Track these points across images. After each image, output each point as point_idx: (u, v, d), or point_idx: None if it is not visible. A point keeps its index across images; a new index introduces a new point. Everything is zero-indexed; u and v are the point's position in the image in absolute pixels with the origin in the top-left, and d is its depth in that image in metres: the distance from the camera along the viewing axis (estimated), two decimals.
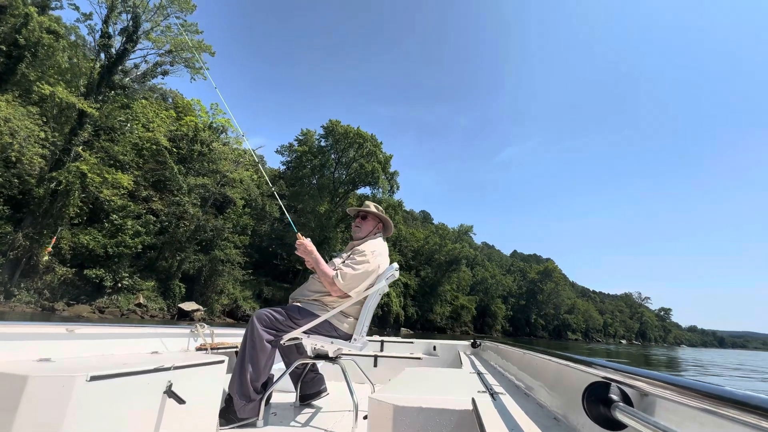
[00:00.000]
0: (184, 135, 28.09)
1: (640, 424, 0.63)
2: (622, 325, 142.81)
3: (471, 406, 1.19)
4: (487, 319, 70.52)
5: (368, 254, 2.33)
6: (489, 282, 71.50)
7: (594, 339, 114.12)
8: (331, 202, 38.73)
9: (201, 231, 27.45)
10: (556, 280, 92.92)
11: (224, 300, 29.87)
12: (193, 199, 26.06)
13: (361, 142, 35.82)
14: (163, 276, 26.48)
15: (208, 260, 27.68)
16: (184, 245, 26.79)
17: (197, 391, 1.71)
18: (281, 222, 41.54)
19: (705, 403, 0.56)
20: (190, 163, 28.60)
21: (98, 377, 1.27)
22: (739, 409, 0.48)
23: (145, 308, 24.09)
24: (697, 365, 20.22)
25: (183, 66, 24.02)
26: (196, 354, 2.32)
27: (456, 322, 61.01)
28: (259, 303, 33.40)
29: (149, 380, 1.47)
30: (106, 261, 22.48)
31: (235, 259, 29.19)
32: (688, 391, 0.60)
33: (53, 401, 1.18)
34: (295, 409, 2.51)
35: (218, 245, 28.43)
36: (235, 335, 2.98)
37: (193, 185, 26.65)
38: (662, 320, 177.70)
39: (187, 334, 2.58)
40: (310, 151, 36.93)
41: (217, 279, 28.52)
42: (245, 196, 33.14)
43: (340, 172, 38.56)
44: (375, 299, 2.37)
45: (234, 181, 29.26)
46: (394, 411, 1.21)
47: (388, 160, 37.65)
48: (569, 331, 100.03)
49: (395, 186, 37.89)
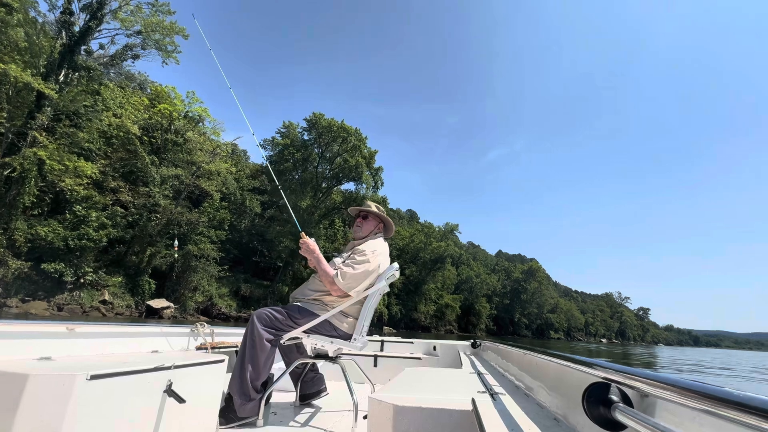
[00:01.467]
0: (158, 124, 26.63)
1: (640, 424, 0.63)
2: (603, 324, 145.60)
3: (471, 407, 1.19)
4: (471, 318, 70.47)
5: (368, 254, 2.32)
6: (474, 281, 71.43)
7: (575, 338, 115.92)
8: (314, 198, 37.65)
9: (174, 225, 26.10)
10: (539, 279, 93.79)
11: (198, 297, 28.57)
12: (165, 190, 24.69)
13: (344, 136, 34.83)
14: (132, 271, 25.07)
15: (181, 255, 26.34)
16: (155, 239, 25.41)
17: (197, 390, 1.70)
18: (262, 217, 40.29)
19: (705, 404, 0.56)
20: (163, 153, 27.16)
21: (98, 376, 1.27)
22: (739, 410, 0.48)
23: (110, 305, 22.69)
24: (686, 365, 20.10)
25: (155, 50, 22.61)
26: (196, 353, 2.29)
27: (440, 321, 60.67)
28: (237, 301, 32.20)
29: (149, 379, 1.47)
30: (66, 255, 21.00)
31: (211, 254, 27.91)
32: (688, 392, 0.60)
33: (53, 400, 1.18)
34: (295, 409, 2.52)
35: (192, 240, 27.11)
36: (236, 335, 2.94)
37: (166, 176, 25.27)
38: (641, 319, 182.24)
39: (187, 334, 2.53)
40: (293, 144, 35.75)
41: (191, 275, 27.21)
42: (222, 189, 31.85)
43: (323, 166, 37.51)
44: (375, 299, 2.35)
45: (211, 173, 27.91)
46: (394, 411, 1.21)
47: (373, 155, 36.80)
48: (552, 330, 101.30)
49: (379, 182, 37.08)
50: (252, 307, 32.56)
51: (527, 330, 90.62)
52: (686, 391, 0.60)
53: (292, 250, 35.75)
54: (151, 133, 26.44)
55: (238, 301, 32.45)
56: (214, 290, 30.01)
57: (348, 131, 34.86)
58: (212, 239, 28.67)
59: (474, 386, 1.61)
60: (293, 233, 35.61)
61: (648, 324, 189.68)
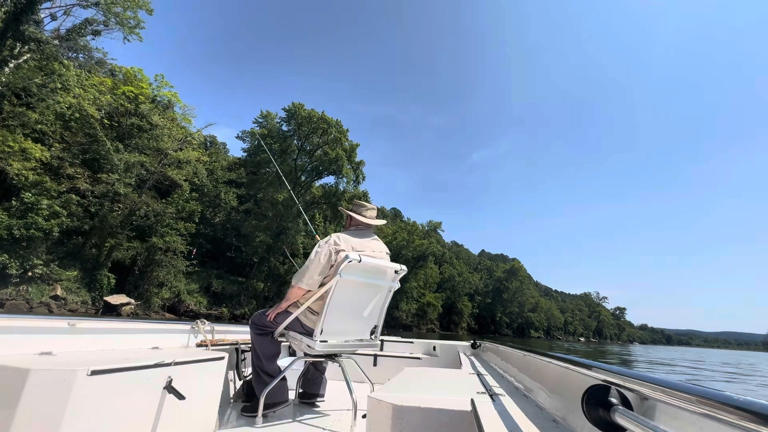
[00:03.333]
0: (121, 107, 24.75)
1: (640, 427, 0.62)
2: (581, 323, 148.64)
3: (470, 407, 1.18)
4: (453, 317, 70.32)
5: (322, 245, 2.34)
6: (456, 279, 71.22)
7: (555, 337, 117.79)
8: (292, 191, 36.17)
9: (137, 215, 24.37)
10: (521, 279, 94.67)
11: (165, 293, 26.89)
12: (128, 178, 22.94)
13: (325, 128, 33.53)
14: (90, 265, 23.23)
15: (145, 248, 24.63)
16: (116, 230, 23.64)
17: (197, 387, 1.73)
18: (239, 211, 38.63)
19: (704, 408, 0.55)
20: (128, 139, 25.32)
21: (99, 371, 1.28)
22: (738, 415, 0.47)
23: (62, 301, 20.87)
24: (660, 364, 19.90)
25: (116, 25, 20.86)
26: (196, 350, 2.27)
27: (422, 319, 60.19)
28: (207, 297, 30.61)
29: (149, 375, 1.48)
30: (11, 245, 19.12)
31: (178, 248, 26.25)
32: (688, 395, 0.59)
33: (54, 394, 1.19)
34: (293, 407, 2.53)
35: (158, 232, 25.41)
36: (236, 332, 2.95)
37: (130, 163, 23.49)
38: (617, 319, 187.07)
39: (187, 330, 2.49)
40: (270, 135, 34.21)
41: (156, 270, 25.51)
42: (195, 180, 30.13)
43: (303, 159, 36.12)
44: (342, 294, 2.24)
45: (180, 162, 26.20)
46: (393, 410, 1.21)
47: (354, 148, 35.61)
48: (532, 329, 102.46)
49: (361, 176, 35.91)
50: (224, 305, 31.03)
51: (508, 329, 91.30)
52: (686, 395, 0.59)
53: (269, 245, 34.32)
54: (115, 117, 24.55)
55: (209, 297, 30.84)
56: (183, 286, 28.35)
57: (329, 122, 33.59)
58: (180, 232, 27.02)
59: (473, 387, 1.61)
60: (270, 228, 34.18)
61: (624, 323, 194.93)
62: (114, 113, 24.31)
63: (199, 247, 34.47)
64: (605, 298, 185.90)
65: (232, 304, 31.61)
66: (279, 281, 36.42)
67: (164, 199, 27.16)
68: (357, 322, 2.44)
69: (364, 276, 2.30)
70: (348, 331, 2.40)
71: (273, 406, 2.23)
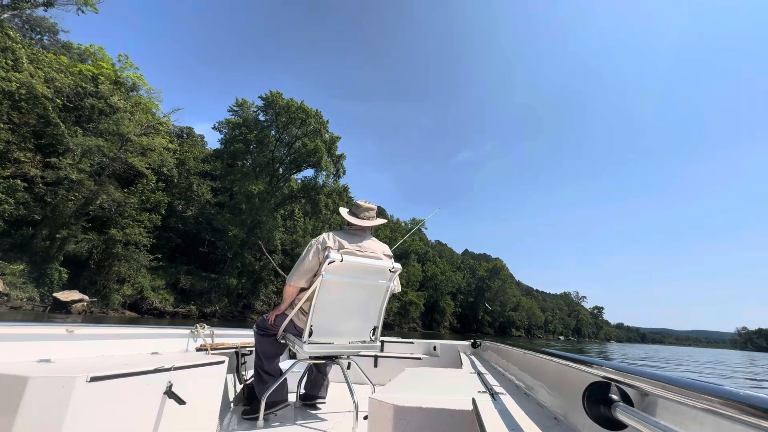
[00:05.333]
0: (80, 88, 22.77)
1: (641, 424, 0.63)
2: (561, 322, 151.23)
3: (471, 406, 1.18)
4: (435, 316, 69.80)
5: (312, 244, 2.33)
6: (439, 278, 70.68)
7: (536, 335, 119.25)
8: (270, 184, 34.66)
9: (95, 205, 22.49)
10: (503, 278, 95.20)
11: (127, 290, 25.05)
12: (81, 163, 21.07)
13: (303, 118, 32.10)
14: (39, 258, 21.27)
15: (102, 241, 22.77)
16: (70, 221, 21.72)
17: (197, 391, 1.72)
18: (212, 205, 36.80)
19: (705, 403, 0.56)
20: (87, 123, 23.36)
21: (98, 378, 1.27)
22: (739, 409, 0.48)
23: (5, 297, 18.95)
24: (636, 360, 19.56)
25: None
26: (196, 354, 2.25)
27: (404, 318, 59.36)
28: (174, 294, 28.80)
29: (149, 381, 1.47)
30: None
31: (141, 241, 24.46)
32: (689, 391, 0.60)
33: (54, 402, 1.18)
34: (295, 409, 2.53)
35: (119, 223, 23.57)
36: (236, 336, 2.91)
37: (86, 147, 21.59)
38: (595, 318, 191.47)
39: (187, 335, 2.45)
40: (246, 124, 32.52)
41: (116, 264, 23.67)
42: (164, 170, 28.26)
43: (281, 151, 34.59)
44: (328, 294, 2.21)
45: (144, 149, 24.36)
46: (395, 411, 1.20)
47: (335, 141, 34.28)
48: (513, 328, 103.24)
49: (341, 170, 34.62)
50: (192, 302, 29.28)
51: (490, 327, 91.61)
52: (687, 390, 0.60)
53: (243, 240, 32.71)
54: (72, 98, 22.55)
55: (177, 294, 29.03)
56: (147, 282, 26.53)
57: (308, 112, 32.16)
58: (144, 224, 25.21)
59: (474, 386, 1.60)
60: (245, 222, 32.57)
61: (601, 322, 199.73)
62: (71, 94, 22.33)
63: (168, 242, 32.56)
64: (584, 297, 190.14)
65: (201, 301, 29.86)
66: (254, 278, 34.83)
67: (127, 188, 25.28)
68: (353, 322, 2.40)
69: (352, 276, 2.26)
70: (346, 332, 2.36)
71: (273, 405, 2.22)
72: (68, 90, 22.10)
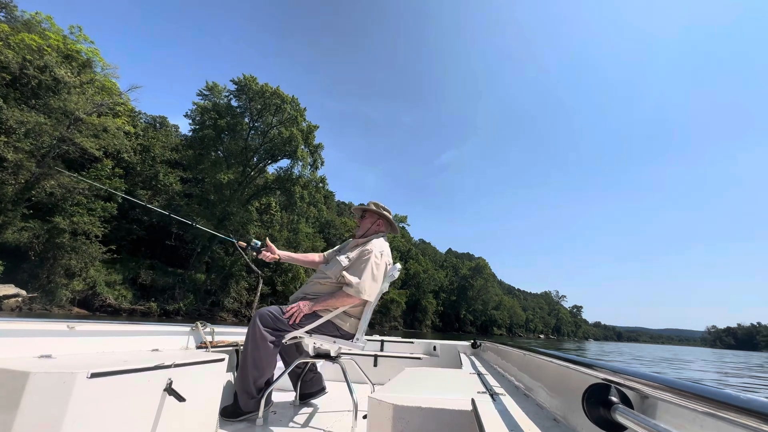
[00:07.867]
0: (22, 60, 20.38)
1: (640, 426, 0.63)
2: (542, 321, 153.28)
3: (470, 407, 1.18)
4: (417, 314, 68.85)
5: (378, 256, 2.30)
6: (422, 276, 69.69)
7: (517, 334, 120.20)
8: (243, 174, 32.66)
9: (38, 190, 20.20)
10: (486, 276, 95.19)
11: (77, 285, 22.76)
12: (18, 141, 18.78)
13: (279, 104, 30.26)
14: None
15: (46, 230, 20.50)
16: (7, 207, 19.39)
17: (197, 388, 1.71)
18: (181, 196, 34.54)
19: (705, 406, 0.56)
20: (30, 99, 20.98)
21: (99, 374, 1.28)
22: (739, 413, 0.48)
23: None
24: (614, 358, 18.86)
25: None
26: (196, 352, 2.24)
27: (385, 316, 58.18)
28: (133, 290, 26.57)
29: (149, 377, 1.47)
30: None
31: (93, 231, 22.24)
32: (689, 393, 0.60)
33: (54, 397, 1.19)
34: (294, 408, 2.53)
35: (66, 211, 21.32)
36: (236, 333, 2.82)
37: (27, 125, 19.30)
38: (575, 317, 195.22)
39: (187, 332, 2.37)
40: (215, 108, 30.44)
41: (63, 256, 21.41)
42: (125, 155, 25.96)
43: (255, 140, 32.63)
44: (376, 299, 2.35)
45: (97, 129, 22.10)
46: (394, 411, 1.20)
47: (313, 130, 32.54)
48: (495, 327, 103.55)
49: (319, 160, 32.94)
50: (153, 299, 27.11)
51: (472, 326, 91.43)
52: (686, 393, 0.60)
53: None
54: (10, 70, 20.12)
55: (136, 290, 26.80)
56: (101, 277, 24.27)
57: (283, 99, 30.32)
58: (97, 213, 22.98)
59: (474, 386, 1.59)
60: (214, 214, 30.52)
61: (580, 321, 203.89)
62: (9, 65, 19.93)
63: (128, 233, 30.22)
64: (564, 296, 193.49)
65: (163, 298, 27.70)
66: (224, 273, 32.81)
67: (78, 174, 22.96)
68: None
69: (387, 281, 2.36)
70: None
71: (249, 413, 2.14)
72: (13, 63, 19.74)
